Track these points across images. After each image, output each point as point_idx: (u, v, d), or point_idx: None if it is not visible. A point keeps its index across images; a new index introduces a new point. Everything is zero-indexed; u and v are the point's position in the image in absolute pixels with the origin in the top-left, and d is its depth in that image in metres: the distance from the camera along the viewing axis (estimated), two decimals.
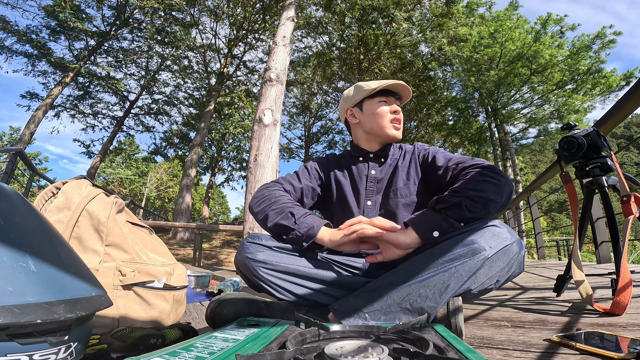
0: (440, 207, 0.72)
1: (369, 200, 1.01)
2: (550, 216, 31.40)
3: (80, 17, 9.76)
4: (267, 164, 3.41)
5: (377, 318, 0.68)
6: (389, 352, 0.38)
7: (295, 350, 0.37)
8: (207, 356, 0.40)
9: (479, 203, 0.71)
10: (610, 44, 9.32)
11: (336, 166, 1.10)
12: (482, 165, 0.81)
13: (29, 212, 0.46)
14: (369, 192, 1.02)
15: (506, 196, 0.76)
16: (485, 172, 0.78)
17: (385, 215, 0.98)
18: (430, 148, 1.03)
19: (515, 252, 0.67)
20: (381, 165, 1.06)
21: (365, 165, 1.06)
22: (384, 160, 1.06)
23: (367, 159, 1.07)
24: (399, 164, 1.03)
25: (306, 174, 1.08)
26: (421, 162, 1.02)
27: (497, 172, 0.78)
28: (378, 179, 1.03)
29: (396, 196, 0.98)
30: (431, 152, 1.01)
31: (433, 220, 0.71)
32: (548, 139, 11.40)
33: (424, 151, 1.03)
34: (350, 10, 8.79)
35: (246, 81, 13.13)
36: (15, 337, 0.35)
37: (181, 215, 9.60)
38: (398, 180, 1.00)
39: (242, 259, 0.82)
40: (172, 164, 22.25)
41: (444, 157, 0.95)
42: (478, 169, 0.80)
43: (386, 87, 1.04)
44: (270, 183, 1.02)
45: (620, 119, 1.61)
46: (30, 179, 3.50)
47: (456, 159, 0.92)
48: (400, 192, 0.98)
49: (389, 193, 0.99)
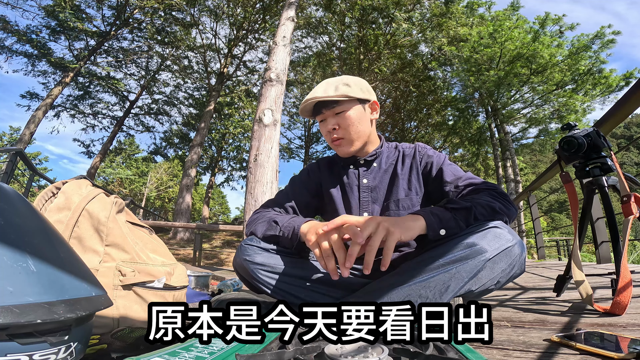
0: (451, 206, 0.70)
1: (365, 212, 0.94)
2: (550, 216, 31.40)
3: (80, 17, 9.76)
4: (267, 164, 3.41)
5: None
6: (389, 352, 0.38)
7: (295, 350, 0.37)
8: (207, 356, 0.40)
9: (488, 213, 0.71)
10: (610, 43, 9.32)
11: (327, 174, 1.03)
12: (495, 188, 0.79)
13: (29, 212, 0.46)
14: (364, 203, 0.95)
15: (511, 220, 0.75)
16: (496, 194, 0.76)
17: None
18: (434, 156, 0.94)
19: (517, 253, 0.67)
20: (373, 171, 0.97)
21: (356, 172, 0.98)
22: (376, 166, 0.98)
23: (357, 166, 0.99)
24: (397, 170, 0.95)
25: (297, 190, 1.01)
26: (423, 169, 0.94)
27: (507, 198, 0.77)
28: (372, 187, 0.96)
29: (398, 208, 0.91)
30: (435, 161, 0.92)
31: (444, 217, 0.68)
32: (548, 139, 11.40)
33: (427, 158, 0.94)
34: (350, 10, 8.79)
35: (246, 81, 13.14)
36: (15, 337, 0.35)
37: (181, 215, 9.60)
38: (399, 190, 0.92)
39: (240, 262, 0.81)
40: (172, 164, 22.25)
41: (452, 173, 0.88)
42: (491, 190, 0.78)
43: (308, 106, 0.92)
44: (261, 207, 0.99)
45: (620, 119, 1.61)
46: (30, 179, 3.50)
47: (467, 179, 0.85)
48: (402, 203, 0.91)
49: (389, 204, 0.92)
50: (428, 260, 0.68)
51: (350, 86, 0.91)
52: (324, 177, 1.03)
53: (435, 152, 0.96)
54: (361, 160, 0.98)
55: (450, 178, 0.87)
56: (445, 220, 0.68)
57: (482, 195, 0.75)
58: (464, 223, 0.69)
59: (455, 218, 0.69)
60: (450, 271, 0.65)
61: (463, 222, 0.69)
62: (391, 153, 1.00)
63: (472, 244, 0.65)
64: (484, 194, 0.76)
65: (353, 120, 0.90)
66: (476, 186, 0.82)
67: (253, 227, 0.88)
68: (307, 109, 0.94)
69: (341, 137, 0.91)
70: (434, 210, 0.69)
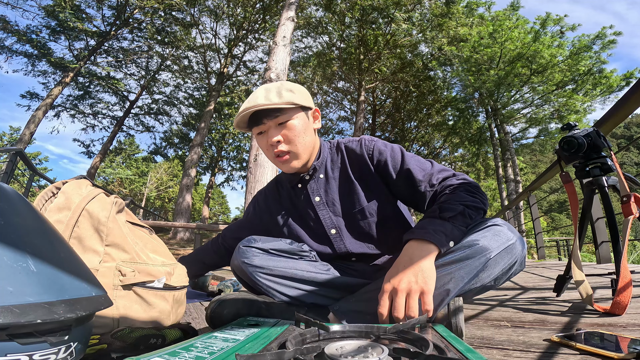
0: (448, 215, 0.67)
1: (332, 229, 0.87)
2: (550, 216, 31.40)
3: (80, 17, 9.76)
4: (267, 164, 3.42)
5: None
6: (389, 352, 0.38)
7: (295, 350, 0.37)
8: (207, 356, 0.40)
9: (474, 212, 0.71)
10: (611, 44, 9.33)
11: (276, 202, 0.96)
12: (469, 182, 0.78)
13: (29, 212, 0.46)
14: (326, 220, 0.87)
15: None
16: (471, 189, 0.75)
17: (359, 238, 0.87)
18: (387, 151, 0.85)
19: (518, 250, 0.66)
20: (321, 185, 0.89)
21: (304, 192, 0.90)
22: (323, 177, 0.89)
23: (303, 183, 0.90)
24: (349, 174, 0.87)
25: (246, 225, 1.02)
26: (376, 167, 0.86)
27: (480, 189, 0.76)
28: (327, 202, 0.88)
29: (365, 217, 0.85)
30: (391, 157, 0.83)
31: (447, 230, 0.65)
32: (548, 139, 11.41)
33: (379, 155, 0.85)
34: (350, 10, 8.80)
35: (246, 81, 13.15)
36: (15, 337, 0.35)
37: (181, 215, 9.60)
38: (359, 197, 0.85)
39: (238, 264, 0.81)
40: (172, 164, 22.27)
41: (420, 169, 0.81)
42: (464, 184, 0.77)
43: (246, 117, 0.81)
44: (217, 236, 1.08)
45: (620, 119, 1.60)
46: (30, 179, 3.50)
47: (438, 173, 0.80)
48: (368, 211, 0.84)
49: (355, 215, 0.85)
50: None
51: (294, 92, 0.82)
52: (273, 206, 0.96)
53: (386, 146, 0.86)
54: (306, 176, 0.89)
55: (421, 175, 0.80)
56: (449, 232, 0.65)
57: (461, 194, 0.73)
58: (464, 227, 0.69)
59: (455, 226, 0.67)
60: (452, 271, 0.65)
61: (463, 227, 0.69)
62: (334, 156, 0.90)
63: (473, 243, 0.65)
64: (461, 191, 0.74)
65: (299, 130, 0.81)
66: (449, 180, 0.78)
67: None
68: (244, 120, 0.82)
69: (286, 151, 0.82)
70: (436, 228, 0.65)
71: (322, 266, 0.85)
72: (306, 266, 0.83)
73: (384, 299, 0.61)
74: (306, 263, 0.84)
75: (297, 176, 0.90)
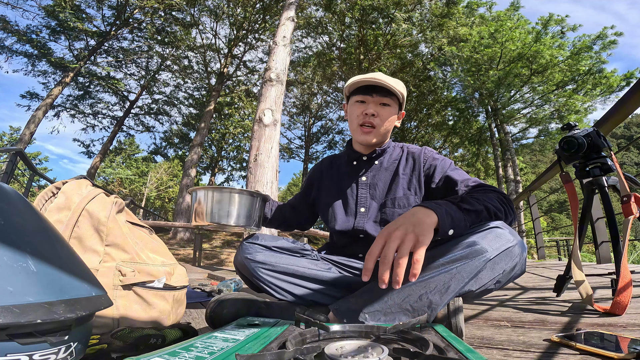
0: (465, 207, 0.66)
1: (362, 207, 0.95)
2: (550, 216, 31.39)
3: (80, 17, 9.77)
4: (267, 164, 3.42)
5: (377, 319, 0.68)
6: (389, 352, 0.38)
7: (295, 350, 0.37)
8: (207, 356, 0.40)
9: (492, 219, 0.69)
10: (612, 44, 9.33)
11: (328, 172, 1.06)
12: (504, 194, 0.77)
13: (29, 212, 0.46)
14: (361, 199, 0.95)
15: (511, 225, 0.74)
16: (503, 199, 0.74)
17: (380, 223, 0.93)
18: (439, 159, 0.92)
19: (517, 253, 0.66)
20: (374, 168, 0.98)
21: (357, 169, 1.00)
22: (378, 164, 0.98)
23: (360, 162, 1.00)
24: (399, 169, 0.95)
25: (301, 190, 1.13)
26: (425, 172, 0.93)
27: (512, 205, 0.75)
28: (370, 184, 0.96)
29: (394, 206, 0.91)
30: (440, 165, 0.91)
31: (456, 217, 0.63)
32: (548, 139, 11.41)
33: (432, 161, 0.93)
34: (350, 10, 8.80)
35: (246, 81, 13.15)
36: (15, 337, 0.35)
37: (181, 215, 9.59)
38: (398, 188, 0.92)
39: (241, 260, 0.82)
40: (172, 164, 22.25)
41: (460, 175, 0.86)
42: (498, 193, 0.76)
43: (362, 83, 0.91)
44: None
45: (621, 119, 1.60)
46: (30, 179, 3.49)
47: (475, 180, 0.83)
48: (398, 202, 0.91)
49: (387, 201, 0.93)
50: (428, 260, 0.67)
51: (404, 90, 0.95)
52: (325, 174, 1.07)
53: (441, 157, 0.94)
54: (364, 157, 0.99)
55: (460, 179, 0.85)
56: (456, 220, 0.63)
57: (491, 198, 0.72)
58: (470, 224, 0.67)
59: (466, 220, 0.65)
60: (451, 271, 0.65)
61: (469, 224, 0.67)
62: (395, 152, 1.00)
63: (473, 243, 0.65)
64: (494, 197, 0.73)
65: (389, 116, 0.93)
66: (484, 187, 0.79)
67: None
68: (360, 84, 0.92)
69: (374, 125, 0.92)
70: (447, 209, 0.63)
71: (323, 265, 0.86)
72: (308, 264, 0.83)
73: (375, 245, 0.56)
74: (308, 261, 0.85)
75: (358, 154, 0.99)
